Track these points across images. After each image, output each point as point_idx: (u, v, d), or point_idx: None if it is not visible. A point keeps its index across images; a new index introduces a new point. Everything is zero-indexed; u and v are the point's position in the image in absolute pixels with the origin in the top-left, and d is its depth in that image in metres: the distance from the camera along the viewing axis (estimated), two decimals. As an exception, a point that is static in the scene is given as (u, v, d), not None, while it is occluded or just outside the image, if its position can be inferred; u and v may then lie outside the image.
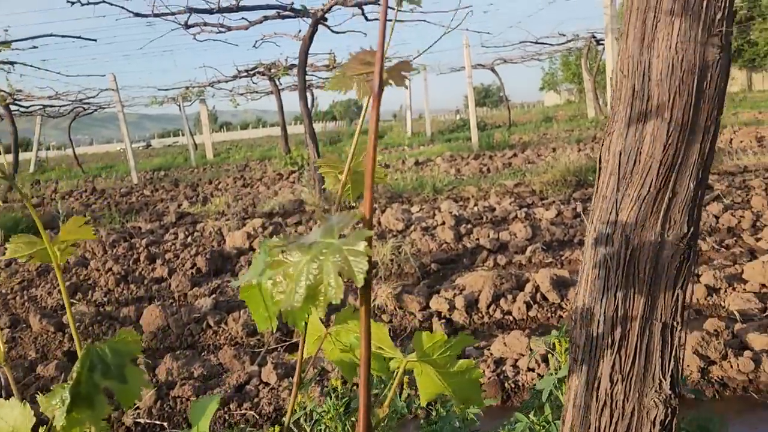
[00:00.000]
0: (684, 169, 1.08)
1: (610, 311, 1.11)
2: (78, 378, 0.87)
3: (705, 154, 1.09)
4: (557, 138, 16.46)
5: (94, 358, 0.90)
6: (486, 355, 3.52)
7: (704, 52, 1.04)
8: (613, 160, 1.14)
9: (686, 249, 1.08)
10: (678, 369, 1.11)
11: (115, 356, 0.93)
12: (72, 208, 11.38)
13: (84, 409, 0.86)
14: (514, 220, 6.73)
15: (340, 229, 0.62)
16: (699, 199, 1.11)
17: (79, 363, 0.88)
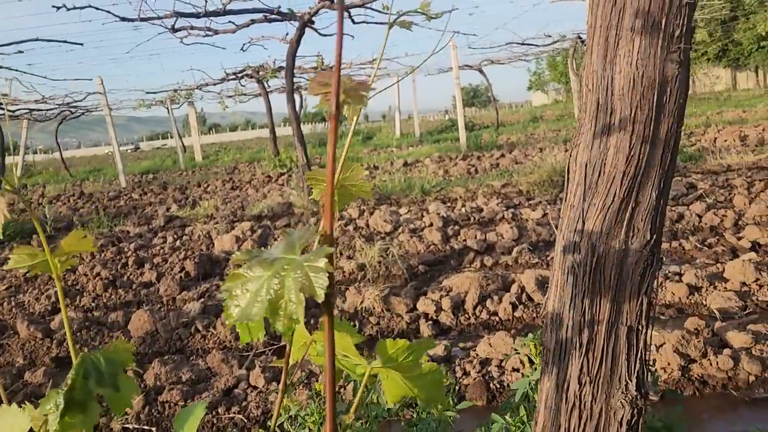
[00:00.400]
0: (646, 180, 1.13)
1: (577, 316, 1.16)
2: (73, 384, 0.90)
3: (666, 165, 1.14)
4: (544, 138, 16.57)
5: (89, 366, 0.94)
6: (472, 356, 3.57)
7: (664, 67, 1.09)
8: (580, 170, 1.19)
9: (649, 256, 1.13)
10: (644, 371, 1.15)
11: (108, 365, 0.96)
12: (59, 213, 11.33)
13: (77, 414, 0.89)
14: (501, 220, 6.79)
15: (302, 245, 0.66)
16: (661, 208, 1.15)
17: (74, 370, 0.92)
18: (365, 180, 1.25)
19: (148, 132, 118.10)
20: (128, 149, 51.37)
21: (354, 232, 6.98)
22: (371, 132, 28.54)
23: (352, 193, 1.27)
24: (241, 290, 0.61)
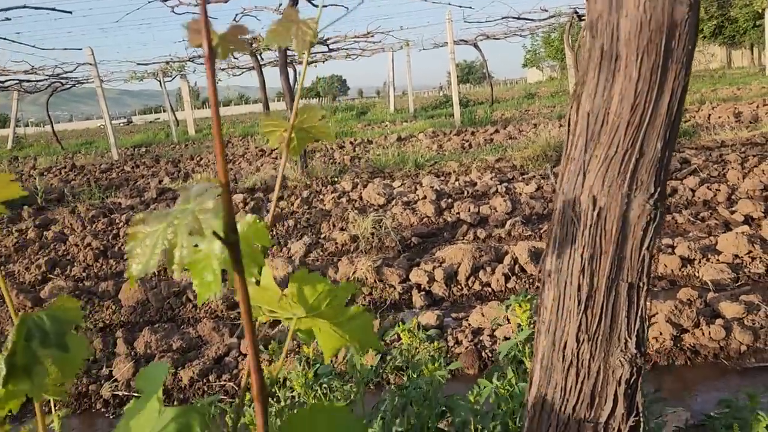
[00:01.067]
0: (651, 130, 1.08)
1: (576, 272, 1.12)
2: (13, 348, 0.84)
3: (673, 114, 1.09)
4: (539, 114, 16.49)
5: (32, 327, 0.87)
6: (464, 326, 3.55)
7: (673, 10, 1.03)
8: (582, 121, 1.14)
9: (653, 209, 1.09)
10: (644, 329, 1.12)
11: (54, 324, 0.89)
12: (51, 185, 11.21)
13: (22, 380, 0.84)
14: (495, 194, 6.75)
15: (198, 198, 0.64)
16: (666, 160, 1.11)
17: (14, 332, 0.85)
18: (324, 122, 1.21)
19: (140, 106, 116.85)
20: (121, 123, 50.86)
21: (347, 204, 6.93)
22: (365, 107, 28.33)
23: (311, 135, 1.22)
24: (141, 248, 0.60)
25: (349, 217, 6.06)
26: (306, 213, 6.69)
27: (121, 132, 31.59)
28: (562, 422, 1.13)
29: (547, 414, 1.16)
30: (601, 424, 1.11)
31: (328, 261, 5.05)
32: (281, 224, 6.31)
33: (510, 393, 1.36)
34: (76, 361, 0.93)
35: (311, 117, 1.21)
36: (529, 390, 1.21)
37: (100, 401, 3.21)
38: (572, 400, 1.12)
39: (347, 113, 24.80)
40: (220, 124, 0.64)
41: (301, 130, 1.21)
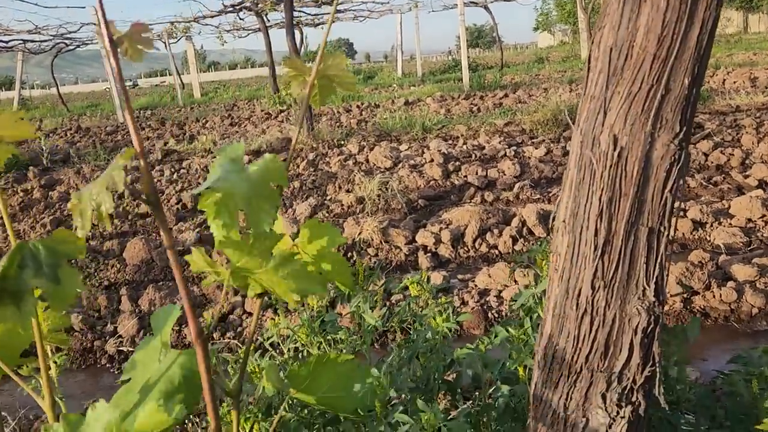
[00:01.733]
0: (679, 64, 1.01)
1: (593, 216, 1.06)
2: (4, 273, 0.81)
3: (702, 47, 1.01)
4: (549, 78, 16.22)
5: (27, 256, 0.84)
6: (470, 287, 3.52)
7: (706, -69, 0.95)
8: (603, 56, 1.07)
9: (677, 150, 1.02)
10: (663, 276, 1.06)
11: (49, 255, 0.87)
12: (56, 146, 11.16)
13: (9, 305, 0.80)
14: (503, 158, 6.65)
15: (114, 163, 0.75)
16: (693, 98, 1.04)
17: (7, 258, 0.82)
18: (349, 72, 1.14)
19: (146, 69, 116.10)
20: (127, 86, 50.49)
21: (354, 166, 6.86)
22: (373, 72, 27.97)
23: (334, 86, 1.15)
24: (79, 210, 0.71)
25: (355, 179, 6.00)
26: (312, 175, 6.62)
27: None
28: (573, 372, 1.09)
29: (558, 364, 1.11)
30: (615, 374, 1.06)
31: (334, 222, 5.00)
32: (286, 186, 6.26)
33: (524, 342, 1.32)
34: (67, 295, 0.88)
35: (336, 64, 1.13)
36: (540, 340, 1.16)
37: (105, 357, 3.21)
38: (585, 349, 1.07)
39: (354, 77, 24.50)
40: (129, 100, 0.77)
41: (325, 78, 1.13)
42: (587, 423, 1.08)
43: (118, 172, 0.76)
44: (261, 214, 1.02)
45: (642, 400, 1.07)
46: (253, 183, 1.00)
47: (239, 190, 1.02)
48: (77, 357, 3.21)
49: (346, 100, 15.29)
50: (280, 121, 12.04)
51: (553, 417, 1.12)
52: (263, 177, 1.01)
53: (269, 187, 1.02)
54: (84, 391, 2.96)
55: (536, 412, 1.16)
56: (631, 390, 1.06)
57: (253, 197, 1.00)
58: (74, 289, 0.90)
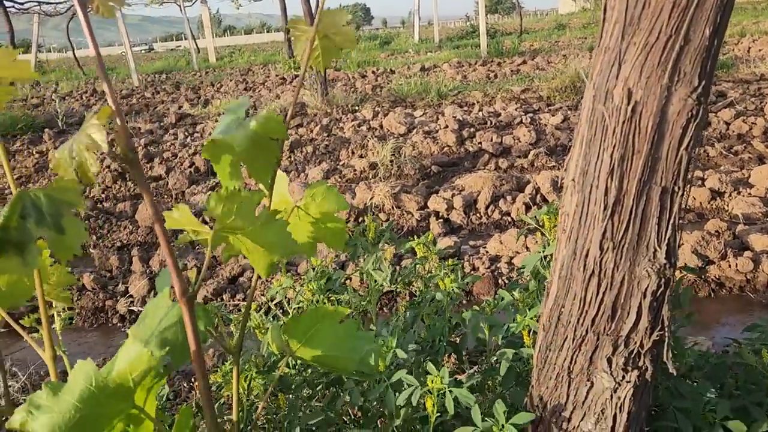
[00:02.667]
0: (699, 13, 0.95)
1: (604, 174, 1.01)
2: (6, 223, 0.79)
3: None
4: (569, 45, 15.89)
5: (28, 205, 0.83)
6: (481, 253, 3.48)
7: None
8: (620, 4, 1.01)
9: (695, 105, 0.97)
10: (675, 238, 1.02)
11: (51, 204, 0.86)
12: (72, 109, 11.18)
13: (13, 255, 0.79)
14: (519, 125, 6.54)
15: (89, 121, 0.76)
16: (715, 50, 0.98)
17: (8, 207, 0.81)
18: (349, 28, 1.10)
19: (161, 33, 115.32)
20: (142, 50, 50.36)
21: (367, 132, 6.79)
22: (389, 37, 27.59)
23: (336, 45, 1.11)
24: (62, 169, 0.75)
25: (368, 144, 5.94)
26: (325, 140, 6.57)
27: (143, 59, 31.27)
28: (579, 335, 1.05)
29: (563, 326, 1.08)
30: (622, 337, 1.03)
31: (346, 187, 4.97)
32: (299, 150, 6.22)
33: (530, 306, 1.29)
34: (71, 244, 0.87)
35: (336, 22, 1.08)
36: (546, 302, 1.13)
37: (116, 316, 3.23)
38: (591, 312, 1.04)
39: (370, 43, 24.18)
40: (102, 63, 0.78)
41: (326, 37, 1.09)
42: (591, 387, 1.05)
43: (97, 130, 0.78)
44: (260, 165, 1.00)
45: (649, 365, 1.03)
46: (252, 135, 0.97)
47: (239, 141, 0.99)
48: (89, 316, 3.24)
49: (362, 66, 15.12)
50: (295, 86, 11.95)
51: (557, 380, 1.09)
52: (263, 130, 0.99)
53: (268, 139, 1.00)
54: (95, 350, 2.99)
55: (540, 375, 1.14)
56: (638, 354, 1.03)
57: (252, 149, 0.98)
58: (79, 238, 0.88)
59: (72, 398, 0.70)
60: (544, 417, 1.12)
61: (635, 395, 1.04)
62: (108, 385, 0.70)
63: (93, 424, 0.67)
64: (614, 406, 1.03)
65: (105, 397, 0.69)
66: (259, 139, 0.99)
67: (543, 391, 1.13)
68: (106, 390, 0.70)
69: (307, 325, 1.10)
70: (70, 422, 0.65)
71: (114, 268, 3.73)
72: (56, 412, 0.66)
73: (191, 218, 1.00)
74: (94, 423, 0.67)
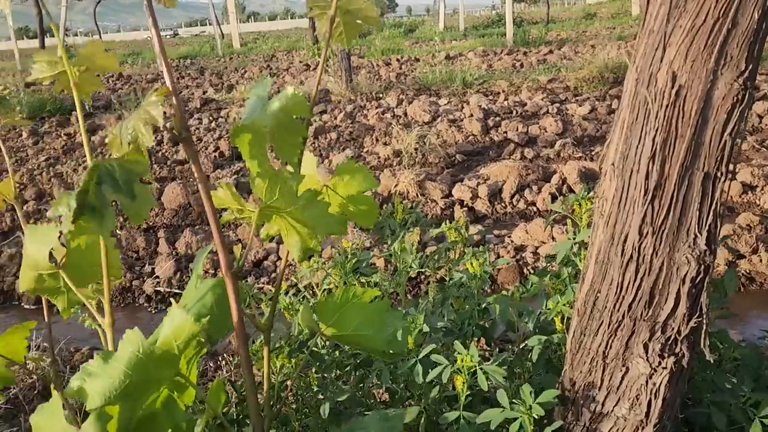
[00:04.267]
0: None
1: (645, 158, 1.00)
2: (85, 187, 0.83)
3: (777, -23, 0.93)
4: (597, 35, 15.67)
5: (103, 173, 0.87)
6: (506, 242, 3.47)
7: None
8: (666, -14, 0.99)
9: (741, 89, 0.95)
10: (716, 224, 1.01)
11: (123, 172, 0.90)
12: (98, 93, 11.31)
13: (92, 218, 0.84)
14: (545, 115, 6.48)
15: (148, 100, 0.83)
16: (763, 33, 0.96)
17: (86, 174, 0.85)
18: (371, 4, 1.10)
19: (187, 19, 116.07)
20: (167, 35, 50.67)
21: (391, 119, 6.78)
22: (413, 25, 27.43)
23: (357, 22, 1.11)
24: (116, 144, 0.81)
25: (392, 131, 5.93)
26: (349, 127, 6.57)
27: (168, 44, 31.46)
28: (615, 320, 1.05)
29: (599, 311, 1.07)
30: (660, 323, 1.02)
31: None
32: (323, 137, 6.23)
33: (561, 293, 1.28)
34: (143, 208, 0.92)
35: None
36: (582, 286, 1.12)
37: (143, 296, 3.28)
38: (629, 297, 1.03)
39: (395, 30, 24.06)
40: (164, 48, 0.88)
41: (347, 13, 1.11)
42: (626, 372, 1.05)
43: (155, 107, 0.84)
44: (287, 145, 1.00)
45: (686, 351, 1.02)
46: (275, 116, 0.98)
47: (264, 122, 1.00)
48: (116, 296, 3.29)
49: (386, 54, 15.06)
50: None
51: (591, 365, 1.09)
52: (286, 110, 0.99)
53: (293, 119, 1.00)
54: (122, 329, 3.04)
55: (573, 360, 1.13)
56: (675, 341, 1.02)
57: (278, 129, 0.99)
58: (148, 204, 0.93)
59: (122, 365, 0.72)
60: (577, 401, 1.11)
61: (671, 382, 1.03)
62: (155, 353, 0.72)
63: (141, 389, 0.69)
64: (649, 392, 1.03)
65: (152, 364, 0.71)
66: (285, 118, 1.00)
67: (576, 376, 1.12)
68: (152, 357, 0.71)
69: (336, 305, 1.11)
70: (120, 387, 0.67)
71: (141, 249, 3.79)
72: (107, 378, 0.67)
73: (237, 197, 1.03)
74: (142, 388, 0.69)
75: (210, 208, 0.95)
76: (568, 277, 1.31)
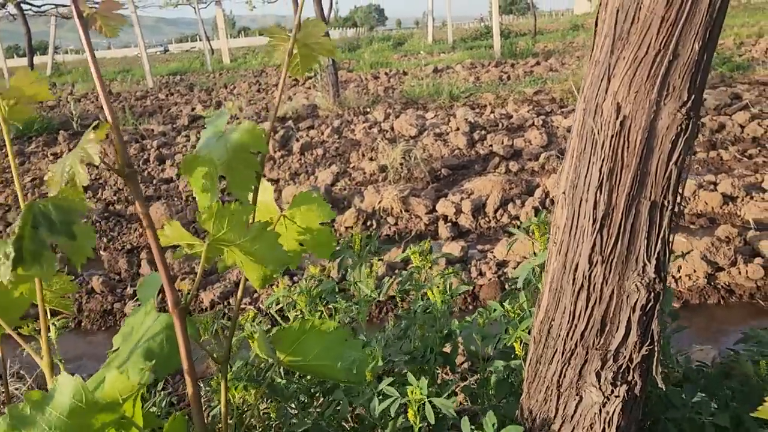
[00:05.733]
0: (689, 28, 0.94)
1: (593, 188, 1.01)
2: (21, 233, 0.82)
3: (715, 10, 0.95)
4: (584, 46, 15.80)
5: (37, 215, 0.86)
6: (489, 258, 3.48)
7: None
8: (610, 19, 1.00)
9: (685, 119, 0.96)
10: (665, 252, 1.01)
11: (60, 213, 0.89)
12: (86, 110, 11.30)
13: (31, 264, 0.82)
14: (531, 127, 6.52)
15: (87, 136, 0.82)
16: (704, 64, 0.97)
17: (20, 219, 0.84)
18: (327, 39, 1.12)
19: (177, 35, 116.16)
20: (157, 51, 50.72)
21: (378, 134, 6.80)
22: (403, 38, 27.58)
23: (314, 54, 1.13)
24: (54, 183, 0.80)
25: (378, 146, 5.95)
26: (336, 142, 6.59)
27: (158, 60, 31.51)
28: (568, 349, 1.05)
29: (553, 340, 1.08)
30: (611, 351, 1.02)
31: (356, 190, 4.98)
32: (309, 153, 6.24)
33: (521, 317, 1.29)
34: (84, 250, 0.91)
35: (315, 32, 1.11)
36: (537, 314, 1.13)
37: (124, 319, 3.26)
38: (581, 325, 1.04)
39: (383, 44, 24.18)
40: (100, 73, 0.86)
41: (305, 47, 1.13)
42: (580, 401, 1.05)
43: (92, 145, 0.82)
44: (241, 179, 1.01)
45: (638, 379, 1.03)
46: (232, 149, 0.98)
47: (218, 156, 1.00)
48: (97, 318, 3.27)
49: (375, 67, 15.13)
50: (307, 88, 11.98)
51: (546, 394, 1.09)
52: (243, 144, 1.00)
53: (249, 153, 1.01)
54: (100, 351, 3.02)
55: (530, 388, 1.13)
56: (627, 369, 1.02)
57: (233, 162, 0.99)
58: (90, 244, 0.92)
59: (60, 413, 0.71)
60: (534, 429, 1.12)
61: (624, 410, 1.04)
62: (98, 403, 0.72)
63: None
64: (603, 421, 1.03)
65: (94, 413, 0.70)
66: (240, 152, 1.01)
67: (533, 404, 1.12)
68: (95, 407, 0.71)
69: (295, 335, 1.11)
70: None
71: (123, 271, 3.77)
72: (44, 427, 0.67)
73: (183, 233, 1.02)
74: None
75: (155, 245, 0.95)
76: (527, 302, 1.32)
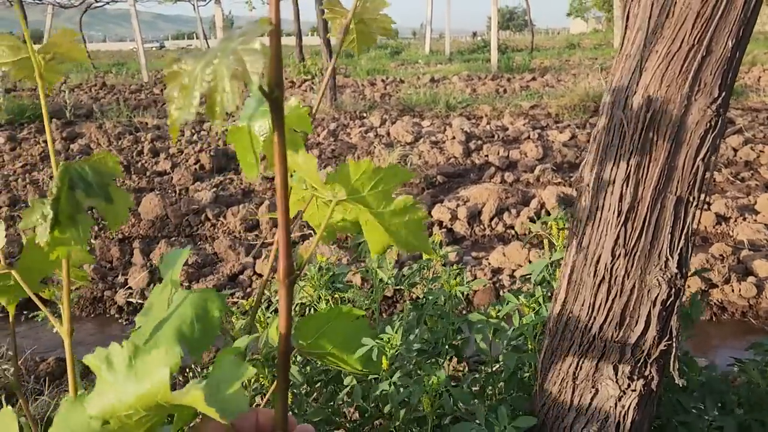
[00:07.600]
0: (723, 24, 0.95)
1: (619, 180, 1.01)
2: (58, 194, 0.79)
3: (750, 8, 0.95)
4: (580, 65, 15.94)
5: (74, 176, 0.83)
6: (484, 264, 3.47)
7: None
8: (643, 12, 1.01)
9: (714, 116, 0.97)
10: (688, 248, 1.01)
11: (96, 175, 0.85)
12: (80, 101, 11.21)
13: (67, 227, 0.79)
14: (526, 140, 6.55)
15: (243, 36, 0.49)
16: (736, 62, 0.98)
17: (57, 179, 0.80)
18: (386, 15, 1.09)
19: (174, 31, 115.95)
20: (153, 47, 50.55)
21: (374, 139, 6.80)
22: (400, 47, 27.69)
23: (371, 32, 1.11)
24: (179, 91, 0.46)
25: (374, 150, 5.94)
26: (332, 145, 6.58)
27: (154, 56, 31.36)
28: (586, 341, 1.05)
29: (570, 332, 1.07)
30: (629, 345, 1.02)
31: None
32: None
33: (536, 311, 1.28)
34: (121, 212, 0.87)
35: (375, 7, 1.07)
36: (554, 306, 1.12)
37: (114, 307, 3.22)
38: (600, 318, 1.03)
39: (381, 51, 24.26)
40: None
41: (361, 22, 1.08)
42: (596, 394, 1.04)
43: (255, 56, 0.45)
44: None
45: (655, 374, 1.03)
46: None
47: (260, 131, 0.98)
48: (87, 306, 3.23)
49: (371, 74, 15.17)
50: (304, 90, 11.97)
51: (561, 386, 1.08)
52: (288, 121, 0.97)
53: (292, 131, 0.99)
54: (89, 340, 2.98)
55: (543, 381, 1.13)
56: (644, 363, 1.02)
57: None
58: (126, 207, 0.88)
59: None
60: (546, 422, 1.11)
61: (640, 404, 1.03)
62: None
63: None
64: (618, 415, 1.02)
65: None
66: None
67: (546, 396, 1.12)
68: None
69: (321, 321, 1.08)
70: None
71: (115, 260, 3.73)
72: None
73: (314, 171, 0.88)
74: None
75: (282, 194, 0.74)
76: (542, 297, 1.31)
